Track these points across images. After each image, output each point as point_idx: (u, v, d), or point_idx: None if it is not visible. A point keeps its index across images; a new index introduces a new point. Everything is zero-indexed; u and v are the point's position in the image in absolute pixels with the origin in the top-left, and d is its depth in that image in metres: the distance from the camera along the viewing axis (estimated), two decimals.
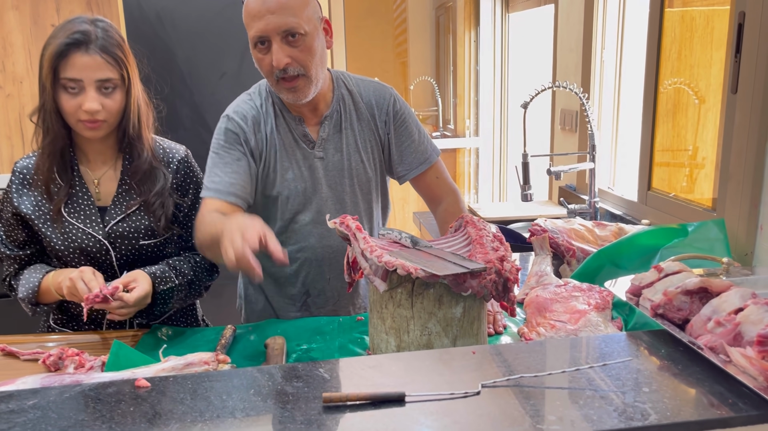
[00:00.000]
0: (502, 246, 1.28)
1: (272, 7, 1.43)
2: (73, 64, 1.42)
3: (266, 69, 1.51)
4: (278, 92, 1.55)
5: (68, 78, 1.43)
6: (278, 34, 1.45)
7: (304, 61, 1.48)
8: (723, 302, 1.00)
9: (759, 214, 1.55)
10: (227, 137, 1.58)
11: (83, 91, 1.44)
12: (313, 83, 1.52)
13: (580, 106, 2.51)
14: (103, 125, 1.49)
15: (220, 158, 1.57)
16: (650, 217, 2.13)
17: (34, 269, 1.56)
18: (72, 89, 1.44)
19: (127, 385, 0.97)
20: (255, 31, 1.46)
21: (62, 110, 1.46)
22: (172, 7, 2.88)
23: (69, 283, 1.41)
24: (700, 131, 2.03)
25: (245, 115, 1.60)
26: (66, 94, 1.44)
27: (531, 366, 1.00)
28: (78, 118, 1.46)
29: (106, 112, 1.47)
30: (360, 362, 1.04)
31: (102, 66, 1.44)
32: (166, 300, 1.55)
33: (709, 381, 0.92)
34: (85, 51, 1.43)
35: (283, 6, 1.43)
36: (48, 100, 1.45)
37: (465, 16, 4.31)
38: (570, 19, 2.73)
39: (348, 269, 1.37)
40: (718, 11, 1.96)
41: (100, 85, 1.45)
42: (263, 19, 1.44)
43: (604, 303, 1.38)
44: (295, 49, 1.47)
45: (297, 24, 1.44)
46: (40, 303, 1.55)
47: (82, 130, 1.48)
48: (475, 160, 4.55)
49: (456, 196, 1.75)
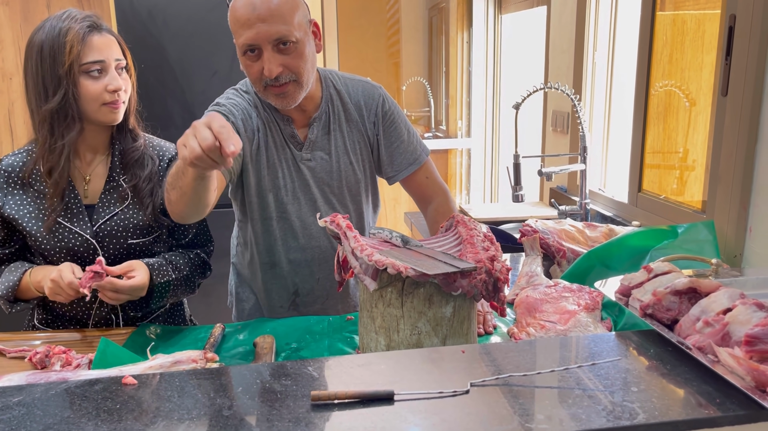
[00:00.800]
0: (493, 246, 1.28)
1: (262, 14, 1.39)
2: (95, 46, 1.45)
3: (255, 76, 1.47)
4: (265, 98, 1.51)
5: (92, 61, 1.45)
6: (269, 43, 1.41)
7: (297, 67, 1.45)
8: (711, 302, 1.01)
9: (748, 216, 1.56)
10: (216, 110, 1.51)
11: (105, 73, 1.47)
12: (304, 88, 1.50)
13: (571, 108, 2.52)
14: (122, 107, 1.51)
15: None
16: (640, 219, 2.14)
17: (13, 266, 1.54)
18: (95, 72, 1.45)
19: (114, 383, 0.96)
20: (245, 39, 1.41)
21: (84, 97, 1.46)
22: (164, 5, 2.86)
23: (51, 284, 1.40)
24: (691, 134, 2.04)
25: (233, 109, 1.55)
26: (89, 79, 1.45)
27: (520, 365, 0.99)
28: (103, 101, 1.47)
29: (125, 92, 1.50)
30: (349, 360, 1.03)
31: (115, 46, 1.50)
32: (163, 293, 1.54)
33: (697, 380, 0.93)
34: (100, 32, 1.47)
35: (273, 13, 1.39)
36: (70, 90, 1.44)
37: (458, 17, 4.31)
38: (562, 20, 2.73)
39: (338, 268, 1.37)
40: (709, 15, 1.97)
41: (117, 64, 1.49)
42: (253, 28, 1.40)
43: (594, 304, 1.38)
44: (287, 57, 1.44)
45: (288, 32, 1.41)
46: (18, 299, 1.53)
47: (106, 114, 1.49)
48: (466, 160, 4.55)
49: (446, 195, 1.75)
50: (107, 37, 1.48)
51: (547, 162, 2.87)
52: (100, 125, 1.52)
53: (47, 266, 1.51)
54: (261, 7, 1.39)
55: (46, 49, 1.43)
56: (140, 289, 1.45)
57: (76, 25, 1.44)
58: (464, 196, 4.63)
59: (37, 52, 1.44)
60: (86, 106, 1.47)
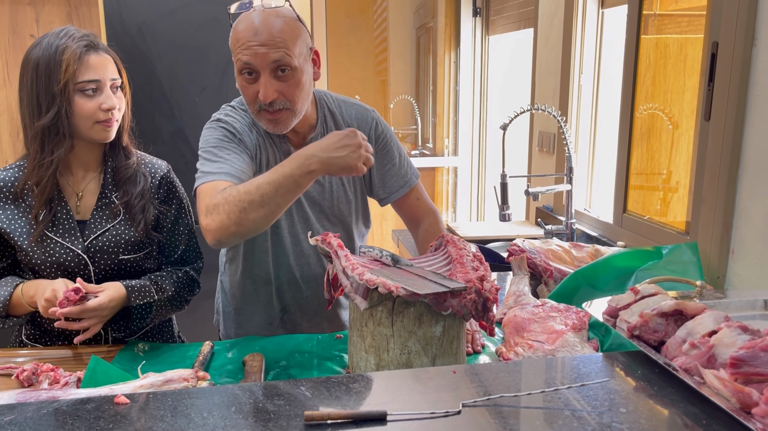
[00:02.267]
0: (482, 266, 1.30)
1: (264, 39, 1.38)
2: (91, 65, 1.46)
3: (250, 98, 1.46)
4: (258, 120, 1.50)
5: (87, 80, 1.45)
6: (268, 67, 1.40)
7: (292, 95, 1.44)
8: (697, 325, 1.03)
9: (730, 238, 1.59)
10: (225, 134, 1.49)
11: (100, 92, 1.47)
12: (297, 116, 1.49)
13: (557, 129, 2.56)
14: (115, 126, 1.51)
15: (221, 152, 1.44)
16: (625, 239, 2.17)
17: (4, 281, 1.53)
18: (90, 91, 1.46)
19: (106, 402, 0.96)
20: (244, 60, 1.40)
21: (78, 115, 1.46)
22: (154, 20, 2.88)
23: (45, 303, 1.39)
24: (674, 156, 2.08)
25: (236, 125, 1.53)
26: (83, 97, 1.46)
27: (510, 386, 1.01)
28: (96, 119, 1.47)
29: (118, 111, 1.51)
30: (341, 380, 1.04)
31: (111, 65, 1.51)
32: (144, 315, 1.54)
33: (684, 402, 0.94)
34: (97, 52, 1.48)
35: (275, 39, 1.39)
36: (65, 107, 1.45)
37: (445, 38, 4.36)
38: (549, 43, 2.78)
39: (328, 286, 1.37)
40: (691, 39, 2.01)
41: (113, 83, 1.50)
42: (253, 50, 1.39)
43: (581, 324, 1.40)
44: (284, 84, 1.43)
45: (288, 59, 1.40)
46: (10, 315, 1.52)
47: (98, 132, 1.49)
48: (453, 179, 4.58)
49: (435, 216, 1.77)
50: (104, 56, 1.49)
51: (534, 182, 2.91)
52: (93, 142, 1.53)
53: (40, 280, 1.50)
54: (263, 32, 1.39)
55: (42, 66, 1.43)
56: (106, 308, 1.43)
57: (73, 43, 1.44)
58: (451, 214, 4.66)
59: (33, 68, 1.44)
60: (79, 124, 1.47)
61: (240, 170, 1.40)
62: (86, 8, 3.61)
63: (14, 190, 1.51)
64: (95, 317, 1.43)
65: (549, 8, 2.77)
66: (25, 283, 1.50)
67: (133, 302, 1.50)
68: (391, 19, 5.44)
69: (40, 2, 3.49)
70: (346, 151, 1.28)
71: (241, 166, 1.42)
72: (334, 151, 1.28)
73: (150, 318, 1.56)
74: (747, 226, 1.53)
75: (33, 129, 1.46)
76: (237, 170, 1.40)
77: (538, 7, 2.88)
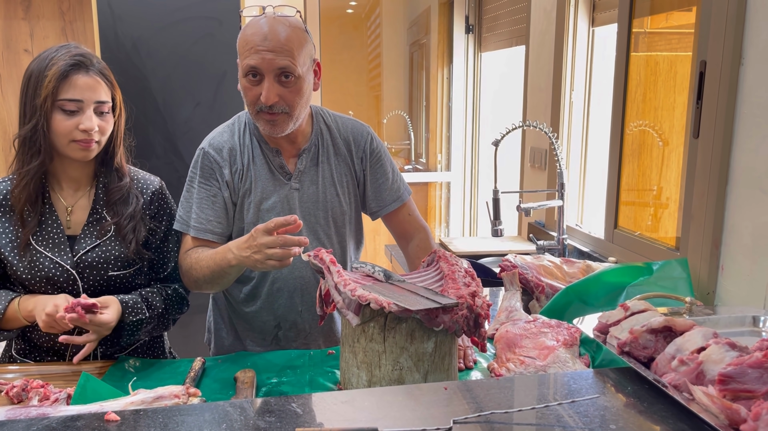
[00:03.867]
0: (474, 282, 1.30)
1: (272, 45, 1.45)
2: (75, 84, 1.45)
3: (251, 99, 1.52)
4: (256, 121, 1.56)
5: (68, 99, 1.44)
6: (272, 72, 1.47)
7: (292, 101, 1.51)
8: (686, 341, 1.03)
9: (720, 254, 1.60)
10: (203, 172, 1.61)
11: (81, 112, 1.46)
12: (294, 121, 1.55)
13: (549, 145, 2.58)
14: (94, 147, 1.50)
15: (198, 193, 1.60)
16: (616, 255, 2.19)
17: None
18: (70, 110, 1.45)
19: (96, 419, 0.95)
20: (249, 63, 1.47)
21: (55, 131, 1.46)
22: (148, 36, 2.89)
23: (46, 318, 1.39)
24: (664, 172, 2.10)
25: (221, 147, 1.61)
26: (62, 114, 1.45)
27: (502, 402, 1.01)
28: (72, 138, 1.46)
29: (99, 133, 1.49)
30: (332, 397, 1.04)
31: (100, 88, 1.48)
32: (134, 331, 1.53)
33: (673, 418, 0.95)
34: (86, 72, 1.46)
35: (283, 46, 1.46)
36: (42, 122, 1.45)
37: (438, 54, 4.40)
38: (540, 60, 2.81)
39: (320, 302, 1.38)
40: (680, 56, 2.04)
41: (98, 106, 1.48)
42: (260, 54, 1.46)
43: (572, 340, 1.40)
44: (286, 89, 1.49)
45: (292, 66, 1.47)
46: (2, 329, 1.51)
47: (75, 151, 1.49)
48: (446, 194, 4.60)
49: (426, 233, 1.78)
50: (93, 78, 1.48)
51: (526, 197, 2.92)
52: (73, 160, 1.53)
53: (38, 296, 1.49)
54: (272, 38, 1.46)
55: (33, 78, 1.45)
56: (106, 327, 1.43)
57: (61, 61, 1.44)
58: (443, 229, 4.67)
59: (26, 79, 1.47)
60: (56, 140, 1.48)
61: (206, 221, 1.60)
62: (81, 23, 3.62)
63: (5, 202, 1.51)
64: (97, 332, 1.42)
65: (540, 26, 2.80)
66: (22, 297, 1.50)
67: (126, 318, 1.49)
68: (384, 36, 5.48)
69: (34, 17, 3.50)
70: (248, 251, 1.37)
71: (209, 215, 1.60)
72: (243, 250, 1.39)
73: (138, 335, 1.56)
74: (736, 243, 1.55)
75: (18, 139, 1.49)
76: (202, 221, 1.59)
77: (530, 24, 2.92)
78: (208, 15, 2.90)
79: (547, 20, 2.71)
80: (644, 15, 2.15)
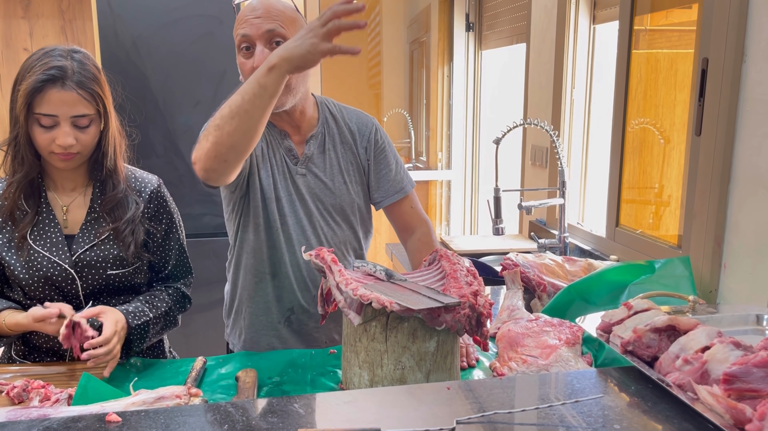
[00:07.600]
0: (476, 281, 1.30)
1: (259, 12, 1.49)
2: (49, 100, 1.40)
3: (247, 73, 1.51)
4: None
5: (43, 113, 1.41)
6: (262, 38, 1.48)
7: None
8: (690, 340, 1.03)
9: (722, 252, 1.60)
10: None
11: (57, 126, 1.43)
12: (291, 93, 1.53)
13: (550, 143, 2.57)
14: (77, 157, 1.48)
15: None
16: (618, 253, 2.18)
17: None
18: (46, 125, 1.42)
19: (98, 420, 0.95)
20: (242, 33, 1.50)
21: (35, 142, 1.45)
22: (148, 35, 2.88)
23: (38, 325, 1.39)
24: (666, 170, 2.09)
25: None
26: (39, 127, 1.43)
27: (505, 402, 1.00)
28: (51, 150, 1.45)
29: (80, 145, 1.46)
30: (335, 397, 1.04)
31: (78, 102, 1.43)
32: (143, 335, 1.52)
33: (677, 418, 0.94)
34: (62, 87, 1.41)
35: (270, 12, 1.49)
36: (22, 133, 1.44)
37: (438, 52, 4.39)
38: (541, 58, 2.80)
39: (321, 301, 1.37)
40: (681, 54, 2.03)
41: (75, 120, 1.44)
42: (248, 23, 1.49)
43: (575, 339, 1.40)
44: None
45: (282, 31, 1.49)
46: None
47: (55, 161, 1.48)
48: (447, 192, 4.60)
49: (428, 227, 1.77)
50: (69, 93, 1.41)
51: (527, 196, 2.92)
52: None
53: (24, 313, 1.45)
54: (260, 8, 1.50)
55: (15, 85, 1.44)
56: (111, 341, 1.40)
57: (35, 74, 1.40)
58: (444, 227, 4.66)
59: (13, 84, 1.45)
60: (39, 149, 1.47)
61: None
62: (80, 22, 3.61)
63: (1, 203, 1.51)
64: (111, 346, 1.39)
65: (541, 24, 2.79)
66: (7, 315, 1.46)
67: (131, 323, 1.48)
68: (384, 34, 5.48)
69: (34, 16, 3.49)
70: (300, 40, 1.25)
71: None
72: (293, 42, 1.27)
73: (147, 338, 1.55)
74: (738, 240, 1.54)
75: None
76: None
77: (531, 22, 2.91)
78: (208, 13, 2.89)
79: (548, 18, 2.70)
80: (645, 12, 2.14)
